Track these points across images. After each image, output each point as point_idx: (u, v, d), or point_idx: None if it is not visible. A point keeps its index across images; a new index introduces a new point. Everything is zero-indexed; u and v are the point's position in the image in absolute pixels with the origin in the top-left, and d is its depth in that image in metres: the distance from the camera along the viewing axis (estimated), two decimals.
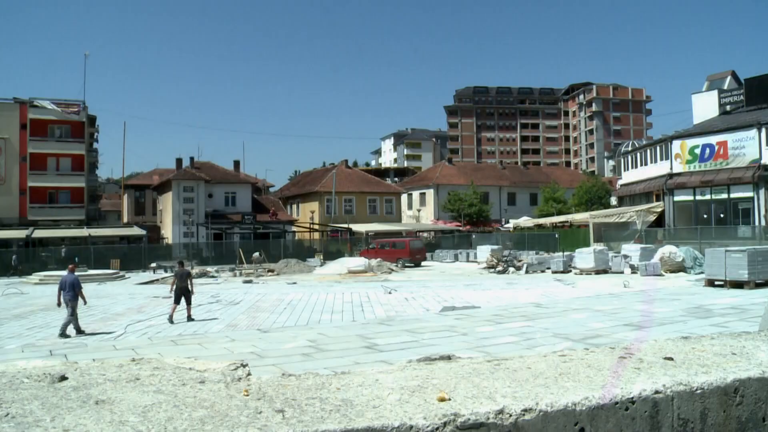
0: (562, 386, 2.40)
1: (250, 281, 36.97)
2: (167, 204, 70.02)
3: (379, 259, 44.23)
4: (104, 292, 32.25)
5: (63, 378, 2.39)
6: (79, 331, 17.76)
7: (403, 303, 22.90)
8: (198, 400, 2.08)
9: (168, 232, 68.59)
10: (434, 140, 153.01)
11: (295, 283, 34.90)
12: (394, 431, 1.90)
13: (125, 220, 79.15)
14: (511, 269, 39.18)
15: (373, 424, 1.88)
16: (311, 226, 69.06)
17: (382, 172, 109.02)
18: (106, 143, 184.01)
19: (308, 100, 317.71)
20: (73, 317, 17.74)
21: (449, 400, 2.17)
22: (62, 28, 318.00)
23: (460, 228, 71.95)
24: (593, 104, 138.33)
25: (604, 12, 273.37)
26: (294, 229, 71.27)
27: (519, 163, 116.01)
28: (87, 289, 34.00)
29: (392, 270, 42.36)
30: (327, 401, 2.08)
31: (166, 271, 46.72)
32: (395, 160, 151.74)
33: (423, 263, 50.09)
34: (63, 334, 17.27)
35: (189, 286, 20.72)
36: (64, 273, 20.37)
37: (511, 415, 2.11)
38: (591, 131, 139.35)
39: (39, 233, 58.88)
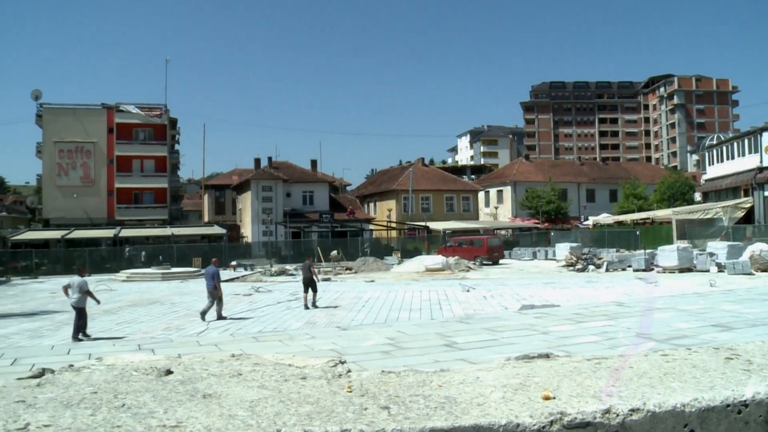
0: (668, 386, 2.29)
1: (328, 279, 37.22)
2: (246, 203, 71.25)
3: (456, 257, 43.98)
4: (187, 289, 33.03)
5: (168, 372, 2.42)
6: (220, 317, 19.69)
7: (481, 301, 22.74)
8: (302, 395, 2.07)
9: (247, 231, 69.78)
10: (511, 137, 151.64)
11: (372, 281, 35.02)
12: (501, 429, 1.84)
13: (206, 219, 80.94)
14: (591, 267, 38.39)
15: (479, 421, 1.83)
16: (388, 224, 69.18)
17: (458, 170, 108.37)
18: (186, 145, 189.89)
19: (384, 99, 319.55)
20: (217, 304, 19.85)
21: (554, 398, 2.10)
22: (144, 35, 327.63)
23: (538, 225, 70.97)
24: (675, 97, 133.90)
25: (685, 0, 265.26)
26: (371, 227, 71.52)
27: (598, 159, 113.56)
28: (170, 286, 35.25)
29: (470, 268, 42.06)
30: (430, 398, 2.03)
31: (245, 269, 47.58)
32: (472, 158, 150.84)
33: (501, 261, 49.63)
34: (220, 317, 19.66)
35: (314, 277, 22.85)
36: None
37: (618, 415, 2.02)
38: (673, 125, 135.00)
39: (125, 232, 60.90)
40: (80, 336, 16.92)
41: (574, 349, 11.79)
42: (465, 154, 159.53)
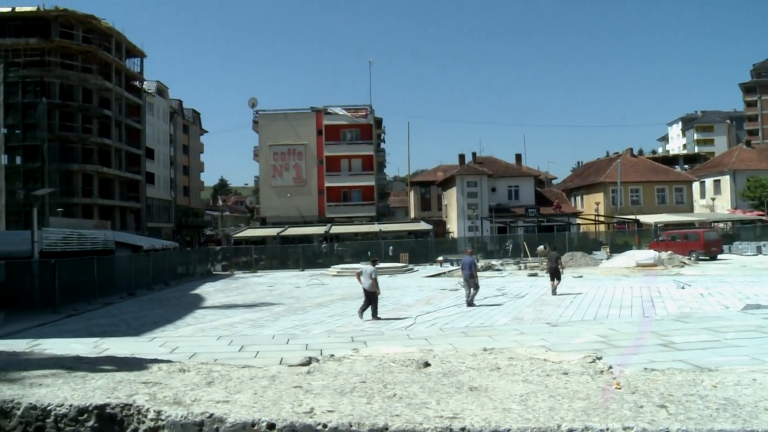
0: None
1: (535, 274, 36.74)
2: (451, 199, 72.01)
3: (669, 252, 41.85)
4: (395, 284, 33.83)
5: (426, 364, 2.47)
6: (470, 304, 21.44)
7: (697, 299, 21.49)
8: (570, 391, 2.02)
9: (453, 227, 70.54)
10: (728, 122, 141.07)
11: (581, 276, 34.12)
12: None
13: (412, 215, 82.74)
14: None
15: None
16: (596, 218, 67.23)
17: (670, 160, 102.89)
18: (391, 143, 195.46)
19: (589, 88, 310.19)
20: (476, 291, 21.96)
21: None
22: (349, 37, 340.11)
23: (763, 217, 65.76)
24: None
25: None
26: (578, 221, 69.92)
27: None
28: (379, 281, 36.23)
29: (684, 263, 39.93)
30: (708, 399, 1.91)
31: (451, 265, 48.00)
32: (684, 146, 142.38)
33: (719, 256, 46.58)
34: (470, 304, 21.59)
35: (558, 267, 25.08)
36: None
37: None
38: None
39: (335, 229, 63.75)
40: (378, 316, 19.18)
41: None
42: (676, 143, 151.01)
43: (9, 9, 63.05)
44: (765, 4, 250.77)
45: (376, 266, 20.78)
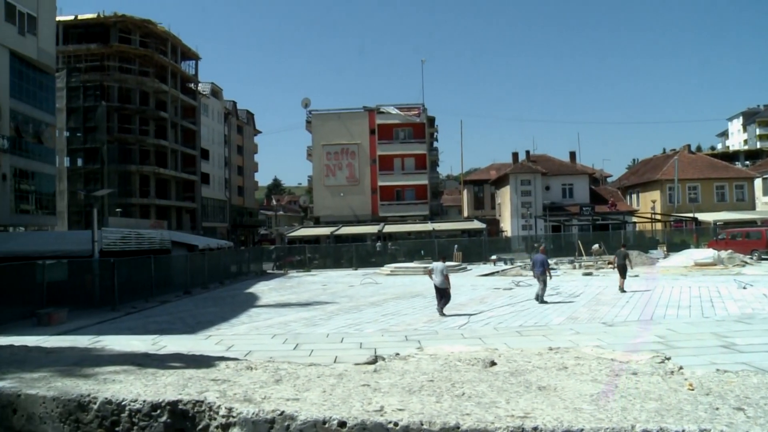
0: None
1: (589, 273, 36.31)
2: (505, 197, 71.63)
3: (729, 251, 40.85)
4: None
5: (493, 363, 2.50)
6: (542, 301, 22.13)
7: (761, 300, 20.94)
8: (641, 391, 2.02)
9: (507, 225, 70.16)
10: None
11: (637, 275, 33.54)
12: None
13: (465, 214, 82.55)
14: None
15: None
16: (652, 216, 66.02)
17: (729, 156, 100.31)
18: (444, 142, 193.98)
19: (644, 85, 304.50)
20: (544, 288, 22.68)
21: None
22: (400, 37, 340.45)
23: None
24: None
25: None
26: (634, 219, 68.88)
27: None
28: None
29: (745, 263, 38.91)
30: None
31: (505, 264, 47.73)
32: (745, 142, 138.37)
33: None
34: (542, 301, 22.27)
35: (627, 264, 25.90)
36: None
37: None
38: None
39: (388, 228, 63.85)
40: (444, 311, 19.90)
41: None
42: (737, 139, 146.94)
43: (72, 17, 64.82)
44: None
45: (446, 263, 21.67)
